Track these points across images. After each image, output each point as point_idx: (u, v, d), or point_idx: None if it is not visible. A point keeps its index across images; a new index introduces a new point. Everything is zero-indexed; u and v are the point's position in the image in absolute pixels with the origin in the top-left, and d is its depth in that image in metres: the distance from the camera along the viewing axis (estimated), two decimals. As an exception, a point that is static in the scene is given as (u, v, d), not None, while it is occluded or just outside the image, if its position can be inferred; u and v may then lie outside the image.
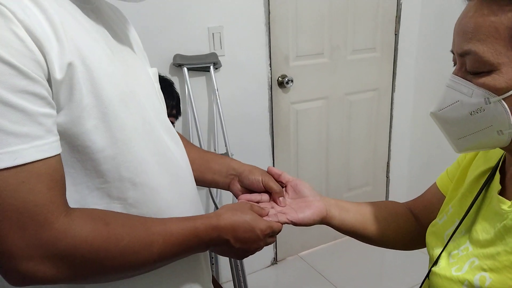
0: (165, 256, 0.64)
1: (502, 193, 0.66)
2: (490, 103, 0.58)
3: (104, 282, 0.63)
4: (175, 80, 1.90)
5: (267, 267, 2.43)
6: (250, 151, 2.17)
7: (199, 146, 1.86)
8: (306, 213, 0.82)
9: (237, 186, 0.89)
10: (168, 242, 0.63)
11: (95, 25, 0.65)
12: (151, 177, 0.67)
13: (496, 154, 0.72)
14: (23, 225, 0.51)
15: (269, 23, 2.05)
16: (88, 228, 0.56)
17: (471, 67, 0.59)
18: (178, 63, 1.85)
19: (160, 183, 0.69)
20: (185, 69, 1.85)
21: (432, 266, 0.71)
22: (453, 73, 0.62)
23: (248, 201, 0.84)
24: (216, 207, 1.97)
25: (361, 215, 0.87)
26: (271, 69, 2.13)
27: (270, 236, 0.75)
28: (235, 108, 2.06)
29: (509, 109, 0.57)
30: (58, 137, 0.55)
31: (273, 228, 0.75)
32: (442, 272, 0.67)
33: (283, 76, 2.17)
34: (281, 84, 2.18)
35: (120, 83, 0.63)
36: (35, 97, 0.52)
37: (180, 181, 0.75)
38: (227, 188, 0.91)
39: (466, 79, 0.60)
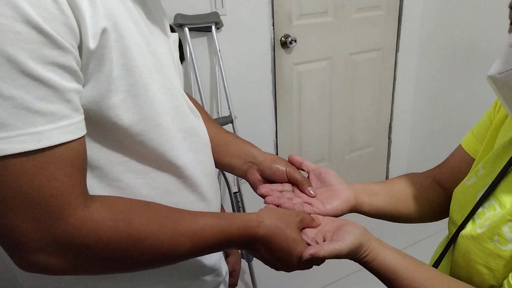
0: (190, 256, 0.59)
1: None
2: None
3: (114, 273, 0.61)
4: (177, 41, 1.87)
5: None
6: (253, 113, 2.17)
7: (202, 108, 1.86)
8: (334, 203, 0.76)
9: (256, 176, 0.81)
10: (197, 245, 0.57)
11: None
12: (178, 154, 0.63)
13: None
14: (37, 216, 0.47)
15: (271, -20, 1.99)
16: (106, 225, 0.51)
17: None
18: (179, 23, 1.81)
19: (185, 160, 0.65)
20: (186, 29, 1.82)
21: (459, 230, 0.68)
22: None
23: (270, 190, 0.77)
24: (229, 189, 1.95)
25: (390, 197, 0.83)
26: (273, 29, 2.09)
27: (306, 263, 0.65)
28: (237, 69, 2.04)
29: None
30: (83, 116, 0.50)
31: (312, 262, 0.65)
32: (468, 233, 0.64)
33: (286, 36, 2.13)
34: (284, 44, 2.14)
35: (147, 53, 0.58)
36: (65, 70, 0.46)
37: (203, 157, 0.71)
38: (244, 175, 0.83)
39: None
